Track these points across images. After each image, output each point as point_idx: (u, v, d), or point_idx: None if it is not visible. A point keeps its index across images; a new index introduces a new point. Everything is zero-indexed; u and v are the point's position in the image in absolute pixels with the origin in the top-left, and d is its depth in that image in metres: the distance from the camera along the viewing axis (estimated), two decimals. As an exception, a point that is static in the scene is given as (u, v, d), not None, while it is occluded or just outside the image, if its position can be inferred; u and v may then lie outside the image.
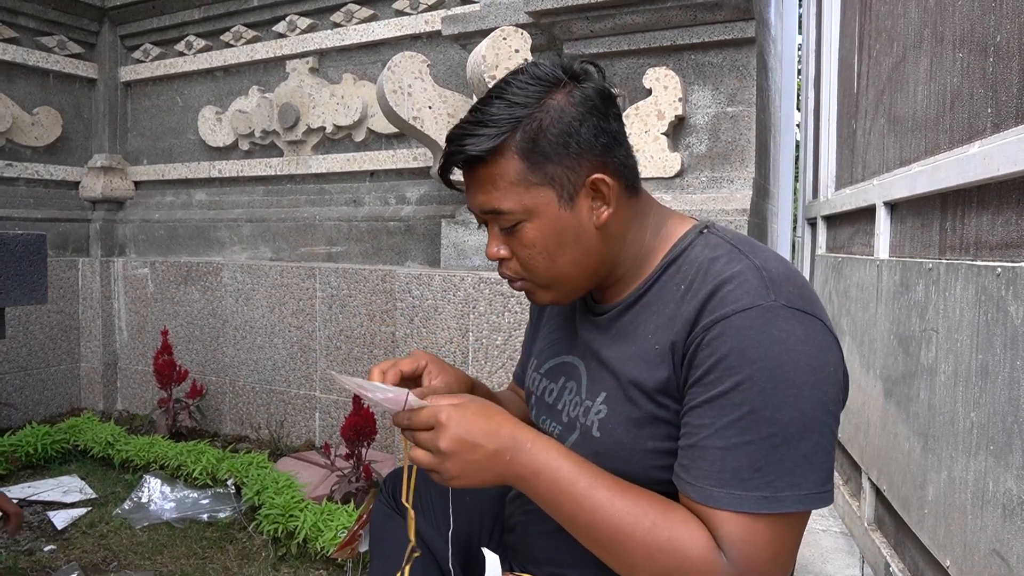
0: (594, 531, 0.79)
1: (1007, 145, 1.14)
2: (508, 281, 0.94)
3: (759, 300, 0.76)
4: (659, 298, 0.88)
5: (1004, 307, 1.13)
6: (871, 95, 2.18)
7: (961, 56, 1.40)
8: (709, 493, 0.75)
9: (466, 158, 0.86)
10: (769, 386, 0.73)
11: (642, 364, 0.85)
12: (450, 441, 0.80)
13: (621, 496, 0.79)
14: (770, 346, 0.74)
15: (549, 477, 0.80)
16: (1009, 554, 1.09)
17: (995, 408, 1.16)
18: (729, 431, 0.75)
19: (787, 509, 0.73)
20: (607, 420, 0.88)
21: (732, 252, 0.83)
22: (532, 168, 0.84)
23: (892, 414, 1.72)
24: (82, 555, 2.37)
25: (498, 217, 0.88)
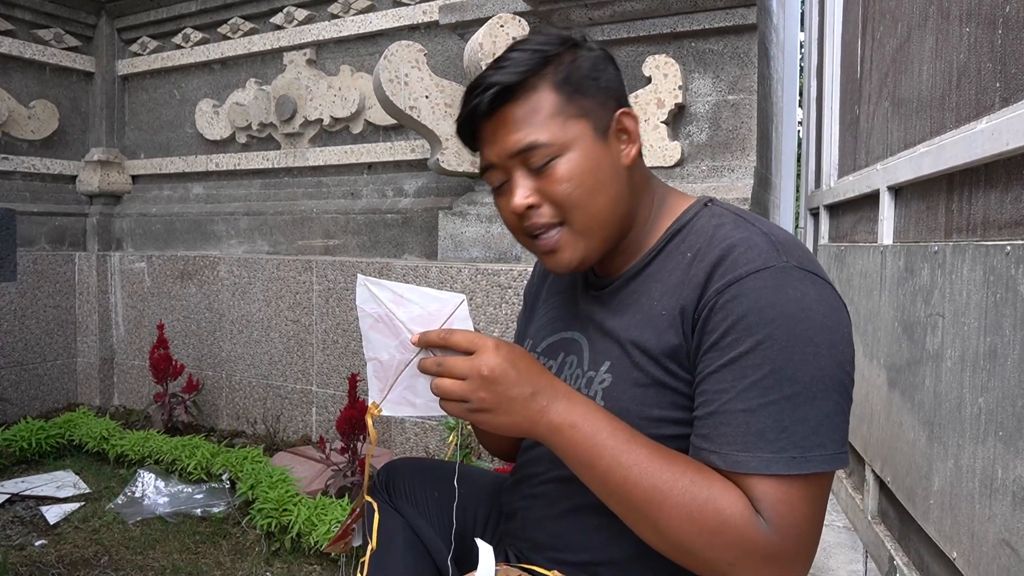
0: (630, 488, 0.74)
1: (1016, 118, 1.09)
2: (536, 237, 0.87)
3: (771, 261, 0.75)
4: (664, 267, 0.86)
5: (1014, 286, 1.09)
6: (875, 79, 2.14)
7: (968, 31, 1.36)
8: (736, 459, 0.73)
9: (499, 91, 0.83)
10: (789, 344, 0.72)
11: (648, 329, 0.83)
12: (493, 368, 0.76)
13: (659, 455, 0.75)
14: (787, 304, 0.73)
15: (587, 429, 0.76)
16: (1019, 543, 1.05)
17: (1004, 392, 1.12)
18: (751, 392, 0.72)
19: (816, 469, 0.71)
20: (612, 388, 0.86)
21: (737, 220, 0.83)
22: (567, 101, 0.84)
23: (896, 403, 1.67)
24: (73, 550, 2.34)
25: (530, 155, 0.83)
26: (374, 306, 0.84)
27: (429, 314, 0.83)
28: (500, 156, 0.86)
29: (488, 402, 0.77)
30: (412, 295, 0.83)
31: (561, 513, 0.85)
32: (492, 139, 0.86)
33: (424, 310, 0.83)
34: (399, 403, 0.87)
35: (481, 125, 0.87)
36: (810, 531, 0.73)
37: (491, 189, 0.91)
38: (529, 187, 0.85)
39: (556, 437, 0.78)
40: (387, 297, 0.83)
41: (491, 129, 0.86)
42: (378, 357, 0.86)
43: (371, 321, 0.85)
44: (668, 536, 0.74)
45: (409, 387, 0.85)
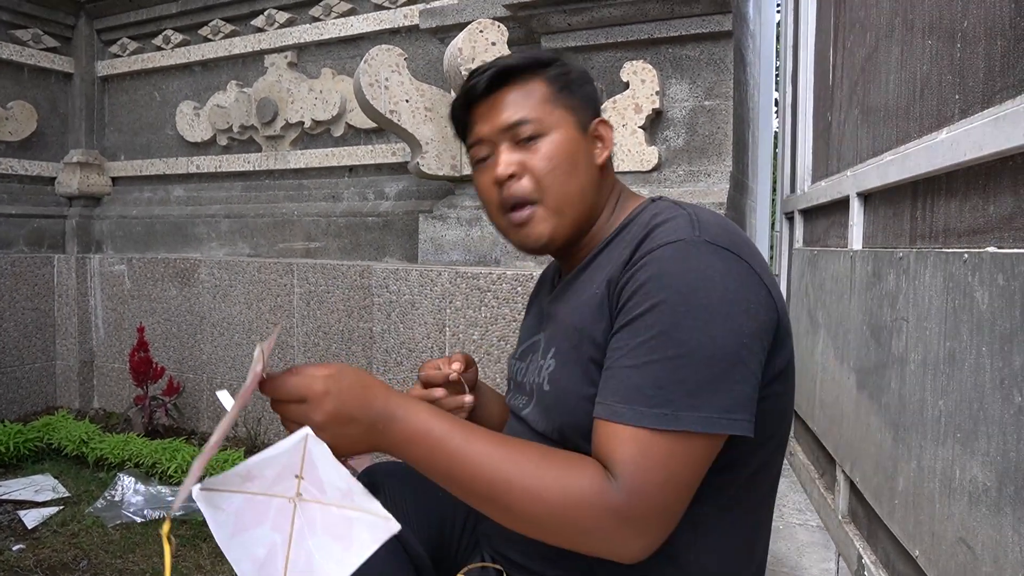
0: (476, 484, 0.77)
1: (973, 130, 1.13)
2: (511, 209, 0.94)
3: (684, 236, 0.80)
4: (608, 257, 0.91)
5: (971, 293, 1.12)
6: (845, 86, 2.18)
7: (930, 43, 1.40)
8: (613, 409, 0.76)
9: (503, 69, 0.93)
10: (681, 309, 0.75)
11: (585, 310, 0.88)
12: (325, 415, 0.75)
13: (500, 447, 0.78)
14: (686, 273, 0.77)
15: (421, 440, 0.78)
16: (974, 542, 1.09)
17: (962, 395, 1.15)
18: (639, 351, 0.76)
19: (684, 427, 0.73)
20: (555, 372, 0.91)
21: (673, 207, 0.88)
22: (558, 95, 0.94)
23: (865, 405, 1.71)
24: (52, 554, 2.33)
25: (518, 130, 0.92)
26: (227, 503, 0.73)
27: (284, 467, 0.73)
28: (491, 130, 0.94)
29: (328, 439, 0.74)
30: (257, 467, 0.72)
31: None
32: (485, 116, 0.95)
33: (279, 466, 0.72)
34: None
35: (477, 104, 0.96)
36: (666, 493, 0.74)
37: (473, 164, 0.98)
38: (513, 159, 0.93)
39: (399, 453, 0.80)
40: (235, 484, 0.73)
41: (486, 108, 0.95)
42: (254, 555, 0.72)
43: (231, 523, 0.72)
44: (520, 521, 0.77)
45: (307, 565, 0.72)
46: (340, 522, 0.72)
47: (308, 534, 0.73)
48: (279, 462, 0.72)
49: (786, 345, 0.85)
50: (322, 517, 0.72)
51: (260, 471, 0.73)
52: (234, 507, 0.73)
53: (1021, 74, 1.02)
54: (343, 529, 0.72)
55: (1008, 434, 0.99)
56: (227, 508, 0.73)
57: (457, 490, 0.80)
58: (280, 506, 0.73)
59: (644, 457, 0.73)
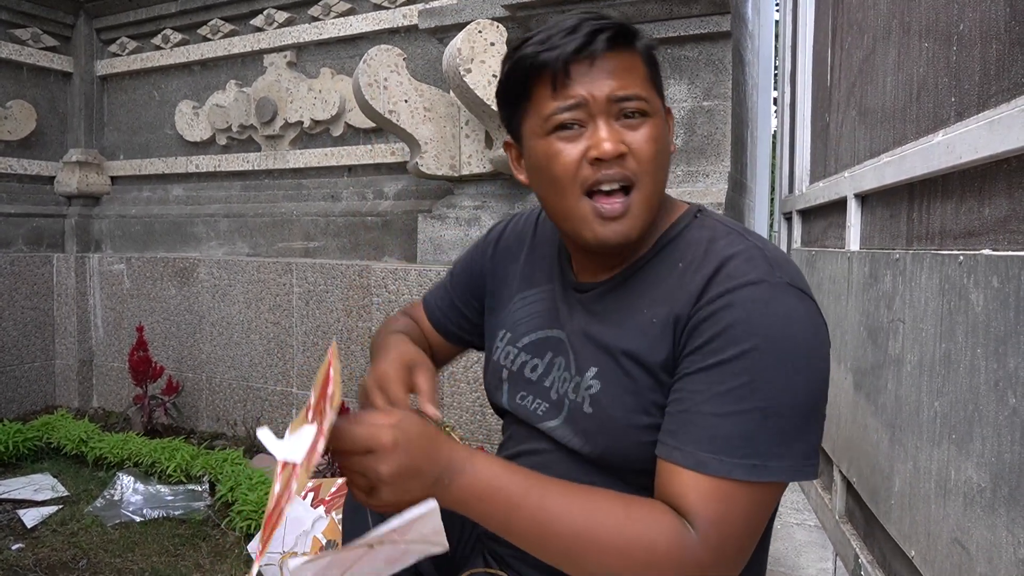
0: (553, 539, 0.74)
1: (968, 133, 1.13)
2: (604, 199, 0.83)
3: (765, 276, 0.78)
4: (654, 275, 0.87)
5: (966, 295, 1.13)
6: (843, 87, 2.18)
7: (927, 46, 1.40)
8: (698, 458, 0.75)
9: (622, 30, 0.82)
10: (771, 359, 0.74)
11: (639, 338, 0.84)
12: (393, 469, 0.70)
13: (578, 501, 0.75)
14: (774, 319, 0.75)
15: (493, 497, 0.74)
16: (969, 542, 1.09)
17: (957, 396, 1.16)
18: (725, 398, 0.75)
19: (772, 478, 0.74)
20: (600, 395, 0.87)
21: (731, 233, 0.85)
22: (652, 76, 0.86)
23: (862, 406, 1.72)
24: (51, 553, 2.34)
25: (629, 104, 0.82)
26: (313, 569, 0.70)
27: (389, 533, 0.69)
28: (598, 97, 0.81)
29: (388, 499, 0.72)
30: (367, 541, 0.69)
31: None
32: (591, 78, 0.81)
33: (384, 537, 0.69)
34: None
35: (578, 64, 0.81)
36: (742, 542, 0.75)
37: (547, 131, 0.84)
38: (619, 137, 0.82)
39: (465, 509, 0.75)
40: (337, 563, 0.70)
41: (595, 68, 0.81)
42: None
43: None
44: (599, 574, 0.75)
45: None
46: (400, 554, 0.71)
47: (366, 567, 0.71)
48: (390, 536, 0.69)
49: None
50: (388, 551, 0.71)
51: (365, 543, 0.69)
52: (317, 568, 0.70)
53: (1016, 78, 1.02)
54: (399, 555, 0.71)
55: (1002, 436, 0.99)
56: None
57: (536, 546, 0.76)
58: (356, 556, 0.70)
59: (728, 510, 0.73)
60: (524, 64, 0.84)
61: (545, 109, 0.83)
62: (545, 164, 0.85)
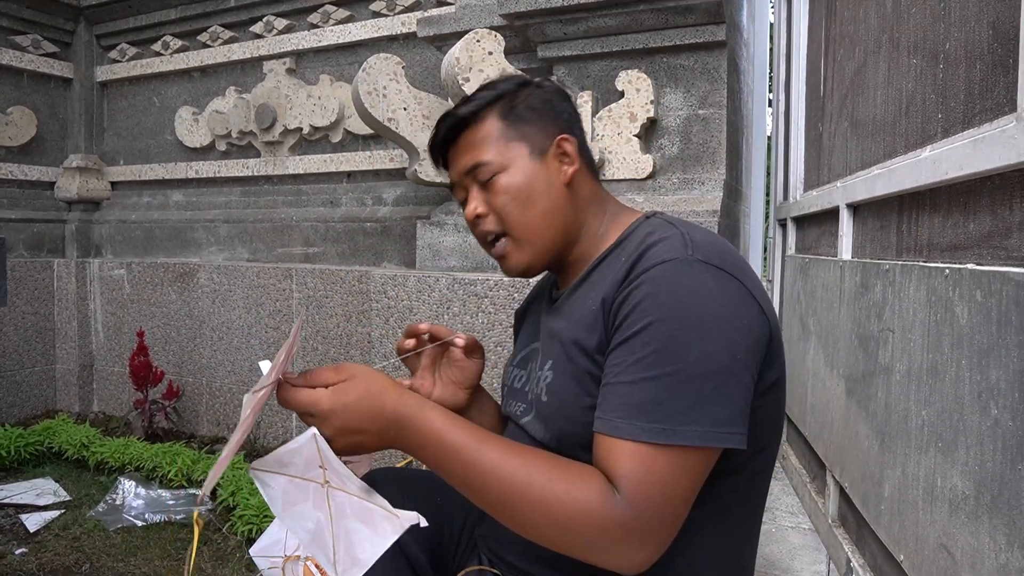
0: (487, 490, 0.80)
1: (954, 150, 1.17)
2: (488, 246, 1.01)
3: (678, 255, 0.83)
4: (604, 273, 0.94)
5: (951, 308, 1.16)
6: (836, 99, 2.22)
7: (915, 62, 1.44)
8: (614, 424, 0.79)
9: (454, 121, 1.00)
10: (675, 327, 0.78)
11: (581, 326, 0.91)
12: (333, 430, 0.81)
13: (512, 456, 0.81)
14: (680, 291, 0.80)
15: (434, 447, 0.82)
16: (954, 548, 1.13)
17: (943, 406, 1.19)
18: (637, 367, 0.79)
19: (683, 442, 0.76)
20: (553, 383, 0.94)
21: (667, 226, 0.91)
22: (509, 126, 0.98)
23: (853, 413, 1.75)
24: (54, 558, 2.36)
25: (477, 172, 0.98)
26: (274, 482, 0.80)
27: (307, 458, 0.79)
28: (457, 175, 1.01)
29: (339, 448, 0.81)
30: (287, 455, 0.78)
31: None
32: (453, 161, 1.02)
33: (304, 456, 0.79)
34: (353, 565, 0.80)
35: (447, 150, 1.04)
36: (666, 506, 0.77)
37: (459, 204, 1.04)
38: (479, 199, 0.99)
39: (414, 455, 0.84)
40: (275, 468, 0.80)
41: (453, 153, 1.02)
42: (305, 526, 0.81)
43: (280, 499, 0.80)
44: (527, 529, 0.80)
45: (347, 542, 0.80)
46: (364, 511, 0.79)
47: (341, 516, 0.80)
48: (301, 453, 0.79)
49: (778, 359, 0.88)
50: (349, 504, 0.79)
51: (290, 459, 0.79)
52: (280, 486, 0.80)
53: (998, 98, 1.06)
54: (367, 516, 0.79)
55: (985, 445, 1.03)
56: (274, 486, 0.80)
57: (471, 495, 0.83)
58: (315, 490, 0.80)
59: (645, 471, 0.76)
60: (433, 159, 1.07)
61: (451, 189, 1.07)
62: None
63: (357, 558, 0.79)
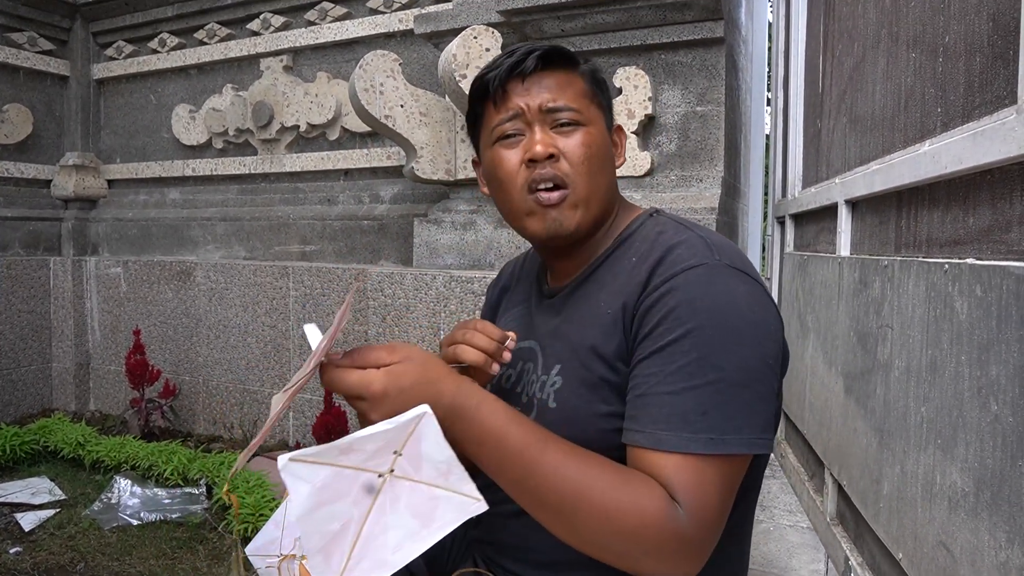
0: (546, 492, 0.76)
1: (954, 144, 1.16)
2: (542, 191, 0.90)
3: (705, 260, 0.81)
4: (611, 272, 0.92)
5: (951, 303, 1.15)
6: (834, 95, 2.21)
7: (914, 56, 1.42)
8: (658, 437, 0.76)
9: (551, 51, 0.91)
10: (716, 334, 0.77)
11: (596, 329, 0.87)
12: (383, 416, 0.72)
13: (575, 457, 0.77)
14: (716, 297, 0.78)
15: (494, 445, 0.76)
16: (953, 545, 1.12)
17: (942, 402, 1.18)
18: (677, 376, 0.77)
19: (732, 451, 0.75)
20: (562, 389, 0.90)
21: (678, 227, 0.89)
22: (594, 92, 0.94)
23: (852, 410, 1.74)
24: (49, 557, 2.35)
25: (561, 113, 0.90)
26: (313, 476, 0.71)
27: (387, 442, 0.71)
28: (531, 107, 0.90)
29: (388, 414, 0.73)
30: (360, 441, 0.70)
31: (521, 511, 0.88)
32: (526, 92, 0.91)
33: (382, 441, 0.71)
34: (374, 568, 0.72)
35: (514, 81, 0.92)
36: (718, 515, 0.76)
37: (494, 140, 0.93)
38: (551, 141, 0.90)
39: (466, 451, 0.77)
40: (330, 456, 0.72)
41: (527, 85, 0.91)
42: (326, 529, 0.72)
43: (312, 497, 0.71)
44: (585, 537, 0.76)
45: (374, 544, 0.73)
46: (425, 500, 0.72)
47: (389, 509, 0.73)
48: (385, 437, 0.71)
49: (786, 362, 0.88)
50: (408, 494, 0.73)
51: (362, 445, 0.71)
52: (320, 479, 0.71)
53: (998, 91, 1.04)
54: (427, 507, 0.73)
55: (985, 441, 1.02)
56: (312, 480, 0.71)
57: (523, 496, 0.78)
58: (367, 480, 0.72)
59: (701, 483, 0.75)
60: (475, 87, 0.95)
61: (491, 123, 0.94)
62: (493, 170, 0.94)
63: (384, 560, 0.73)
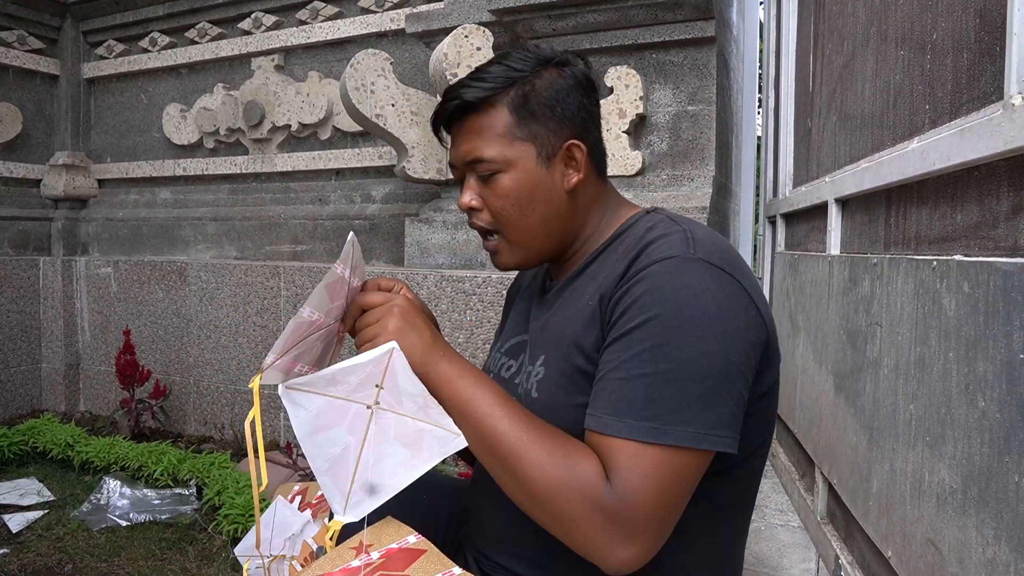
0: (498, 438, 0.81)
1: (941, 141, 1.16)
2: (482, 237, 0.99)
3: (679, 252, 0.81)
4: (600, 267, 0.92)
5: (939, 300, 1.15)
6: (824, 93, 2.21)
7: (903, 54, 1.43)
8: (604, 421, 0.78)
9: (460, 104, 0.93)
10: (673, 324, 0.77)
11: (578, 322, 0.89)
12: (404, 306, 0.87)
13: (531, 418, 0.83)
14: (680, 290, 0.78)
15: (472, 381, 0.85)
16: (942, 542, 1.11)
17: (931, 400, 1.18)
18: (630, 363, 0.78)
19: (672, 442, 0.75)
20: (544, 380, 0.92)
21: (669, 223, 0.89)
22: (519, 123, 0.92)
23: (842, 408, 1.74)
24: (37, 558, 2.33)
25: (477, 166, 0.93)
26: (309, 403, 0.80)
27: (367, 375, 0.80)
28: (457, 160, 0.97)
29: (395, 330, 0.84)
30: (343, 372, 0.79)
31: (508, 503, 0.88)
32: (454, 143, 0.97)
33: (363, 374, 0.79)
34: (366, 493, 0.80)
35: (449, 126, 0.98)
36: (656, 505, 0.75)
37: None
38: (475, 191, 0.96)
39: (444, 384, 0.84)
40: (319, 387, 0.80)
41: (454, 133, 0.97)
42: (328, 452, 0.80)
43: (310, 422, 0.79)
44: (523, 485, 0.79)
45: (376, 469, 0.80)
46: (412, 432, 0.79)
47: (380, 439, 0.79)
48: (364, 370, 0.79)
49: (774, 364, 0.87)
50: (396, 425, 0.79)
51: (345, 376, 0.79)
52: (315, 407, 0.79)
53: (985, 87, 1.04)
54: (414, 438, 0.79)
55: (972, 438, 1.01)
56: (308, 408, 0.79)
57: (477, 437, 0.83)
58: (357, 411, 0.79)
59: (636, 467, 0.75)
60: (434, 129, 1.01)
61: None
62: None
63: (383, 484, 0.79)
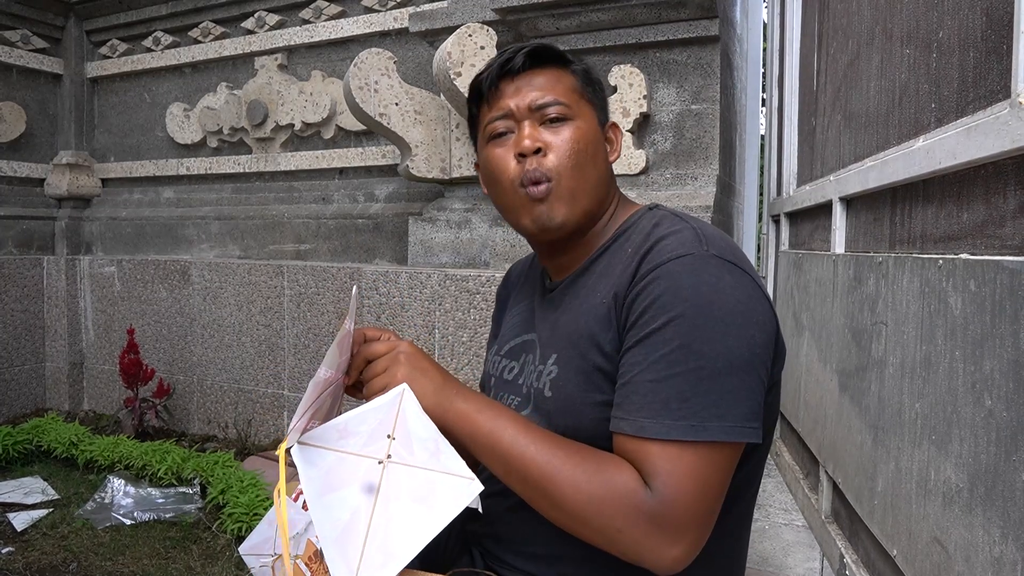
0: (527, 465, 0.81)
1: (947, 139, 1.15)
2: (531, 184, 0.92)
3: (692, 250, 0.81)
4: (608, 264, 0.92)
5: (945, 298, 1.15)
6: (829, 92, 2.20)
7: (908, 52, 1.42)
8: (640, 424, 0.77)
9: (537, 49, 0.94)
10: (699, 322, 0.77)
11: (590, 319, 0.89)
12: (409, 351, 0.87)
13: (554, 438, 0.82)
14: (701, 287, 0.79)
15: (490, 414, 0.84)
16: (948, 541, 1.11)
17: (937, 398, 1.18)
18: (659, 364, 0.78)
19: (712, 438, 0.75)
20: (558, 378, 0.91)
21: (674, 219, 0.90)
22: (584, 88, 0.96)
23: (847, 407, 1.74)
24: (41, 557, 2.33)
25: (550, 108, 0.92)
26: (321, 460, 0.78)
27: (379, 423, 0.78)
28: (520, 106, 0.93)
29: (404, 377, 0.84)
30: (354, 421, 0.77)
31: (520, 504, 0.88)
32: (515, 92, 0.94)
33: (375, 422, 0.78)
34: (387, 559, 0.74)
35: (505, 80, 0.95)
36: (699, 501, 0.76)
37: (487, 138, 0.97)
38: (538, 136, 0.93)
39: (463, 422, 0.84)
40: (331, 440, 0.78)
41: (518, 83, 0.94)
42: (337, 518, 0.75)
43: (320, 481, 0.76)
44: (561, 507, 0.79)
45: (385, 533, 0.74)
46: (423, 484, 0.77)
47: (392, 497, 0.76)
48: (376, 416, 0.78)
49: (781, 356, 0.88)
50: (407, 480, 0.77)
51: (356, 426, 0.78)
52: (326, 465, 0.77)
53: (992, 85, 1.04)
54: (425, 490, 0.77)
55: (979, 437, 1.01)
56: (320, 465, 0.77)
57: (505, 469, 0.83)
58: (369, 467, 0.77)
59: (677, 469, 0.75)
60: (471, 88, 1.00)
61: (484, 122, 0.98)
62: (487, 167, 0.98)
63: (396, 550, 0.74)
